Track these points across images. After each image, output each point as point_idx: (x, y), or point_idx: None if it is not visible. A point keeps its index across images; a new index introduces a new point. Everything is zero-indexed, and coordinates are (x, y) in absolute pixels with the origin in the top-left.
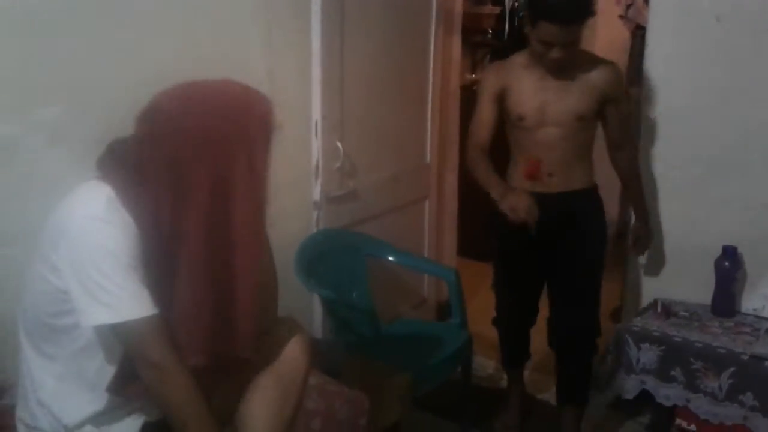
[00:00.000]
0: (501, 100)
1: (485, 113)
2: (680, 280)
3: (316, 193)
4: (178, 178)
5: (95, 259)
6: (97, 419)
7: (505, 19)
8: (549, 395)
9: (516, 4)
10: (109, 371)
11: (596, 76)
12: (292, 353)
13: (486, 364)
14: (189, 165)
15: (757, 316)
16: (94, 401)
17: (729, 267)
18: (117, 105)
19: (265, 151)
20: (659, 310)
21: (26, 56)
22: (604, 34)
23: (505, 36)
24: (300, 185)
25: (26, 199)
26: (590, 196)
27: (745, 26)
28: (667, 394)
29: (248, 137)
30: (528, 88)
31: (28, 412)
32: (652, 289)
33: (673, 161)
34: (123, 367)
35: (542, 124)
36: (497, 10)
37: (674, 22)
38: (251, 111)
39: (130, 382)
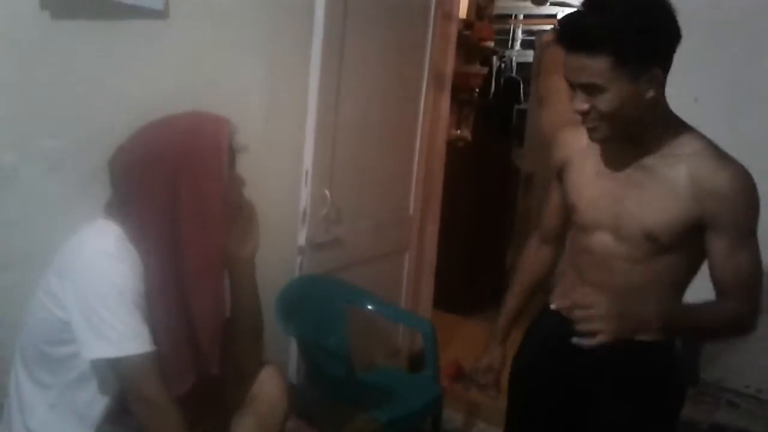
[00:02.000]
0: (561, 177)
1: (552, 193)
2: None
3: (302, 239)
4: (144, 209)
5: (102, 293)
6: None
7: (491, 79)
8: None
9: (503, 65)
10: (100, 403)
11: (692, 179)
12: (274, 396)
13: (455, 417)
14: (146, 195)
15: (718, 386)
16: (84, 430)
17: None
18: (115, 138)
19: (217, 174)
20: None
21: (26, 88)
22: None
23: (491, 95)
24: (286, 230)
25: (24, 228)
26: (659, 355)
27: (719, 106)
28: None
29: (193, 162)
30: (589, 167)
31: None
32: None
33: None
34: (119, 399)
35: (597, 227)
36: (484, 70)
37: None
38: (199, 135)
39: (124, 414)
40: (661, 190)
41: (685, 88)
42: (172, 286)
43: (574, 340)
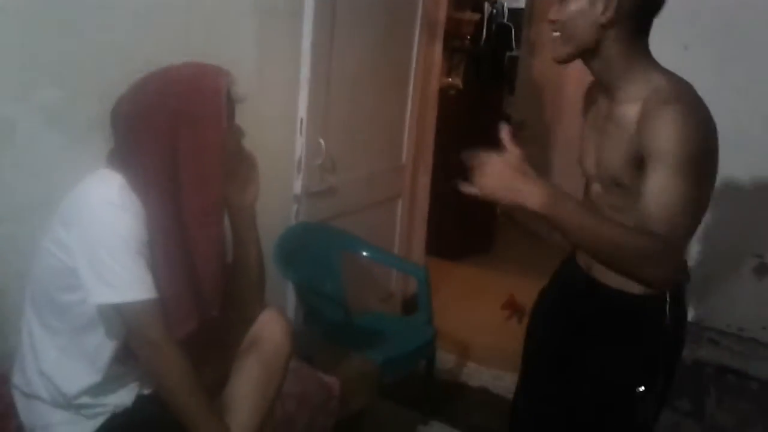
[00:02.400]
0: None
1: None
2: None
3: (297, 188)
4: (145, 157)
5: (107, 242)
6: (93, 390)
7: (483, 26)
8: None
9: (494, 11)
10: (108, 347)
11: (639, 116)
12: (277, 337)
13: (447, 359)
14: (147, 143)
15: (700, 326)
16: (93, 374)
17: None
18: (112, 90)
19: (216, 122)
20: None
21: (25, 41)
22: None
23: (483, 42)
24: (282, 179)
25: (25, 178)
26: (630, 305)
27: (708, 54)
28: None
29: (193, 110)
30: (588, 121)
31: (25, 381)
32: None
33: None
34: (126, 342)
35: (590, 177)
36: (477, 16)
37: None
38: (198, 85)
39: (132, 356)
40: (618, 134)
41: (674, 36)
42: (174, 232)
43: (459, 184)
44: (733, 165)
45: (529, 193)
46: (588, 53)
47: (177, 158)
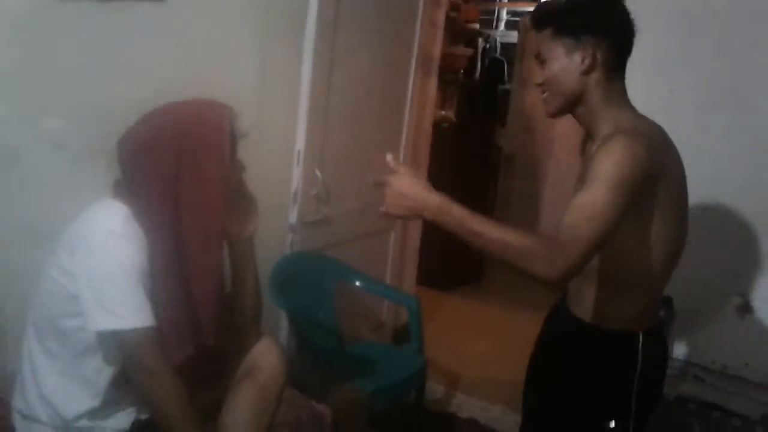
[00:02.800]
0: None
1: None
2: None
3: (293, 218)
4: (150, 189)
5: (109, 270)
6: (92, 414)
7: (476, 60)
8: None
9: (488, 45)
10: (106, 372)
11: (593, 155)
12: (272, 366)
13: (436, 389)
14: (151, 176)
15: (686, 362)
16: (91, 398)
17: (665, 316)
18: (117, 117)
19: (219, 156)
20: None
21: (31, 68)
22: None
23: (476, 76)
24: (278, 209)
25: (30, 205)
26: (603, 340)
27: (692, 97)
28: None
29: (196, 144)
30: (582, 162)
31: (26, 404)
32: None
33: None
34: (123, 368)
35: None
36: (470, 51)
37: (635, 87)
38: (202, 120)
39: (129, 381)
40: (586, 166)
41: (661, 80)
42: (174, 260)
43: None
44: (716, 206)
45: (423, 205)
46: (575, 102)
47: (179, 190)
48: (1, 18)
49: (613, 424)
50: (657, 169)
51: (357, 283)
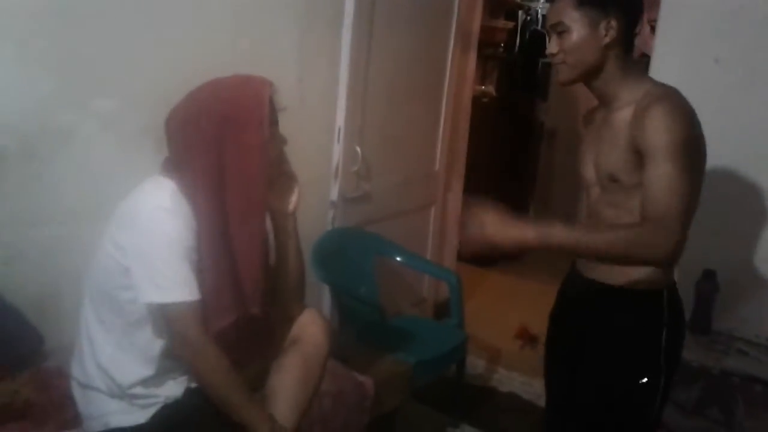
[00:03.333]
0: None
1: None
2: None
3: (334, 194)
4: (195, 161)
5: (158, 245)
6: (146, 382)
7: (516, 34)
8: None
9: (528, 18)
10: (157, 342)
11: (632, 116)
12: (316, 337)
13: (477, 364)
14: (197, 148)
15: (730, 335)
16: (145, 367)
17: (708, 289)
18: (164, 97)
19: (259, 127)
20: None
21: (80, 48)
22: None
23: (516, 49)
24: (320, 186)
25: (82, 183)
26: (628, 301)
27: (740, 68)
28: None
29: (238, 115)
30: (588, 134)
31: (83, 373)
32: None
33: None
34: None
35: (590, 183)
36: (510, 24)
37: (677, 56)
38: (244, 92)
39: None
40: (614, 135)
41: (705, 49)
42: (218, 231)
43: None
44: (762, 175)
45: (521, 234)
46: (592, 74)
47: (223, 161)
48: None
49: (645, 380)
50: (700, 128)
51: (398, 259)
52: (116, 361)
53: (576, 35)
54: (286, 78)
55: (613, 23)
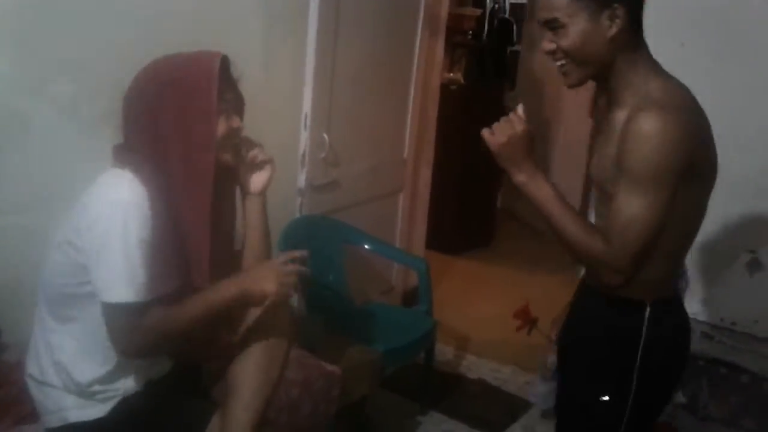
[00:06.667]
0: None
1: None
2: None
3: (301, 181)
4: (143, 133)
5: (114, 243)
6: (105, 378)
7: (484, 21)
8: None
9: (496, 6)
10: None
11: (625, 123)
12: (279, 323)
13: (446, 350)
14: (143, 117)
15: (695, 320)
16: (106, 361)
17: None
18: (124, 84)
19: (203, 99)
20: None
21: (40, 33)
22: None
23: (484, 37)
24: (287, 173)
25: (39, 170)
26: (608, 309)
27: (706, 53)
28: None
29: (181, 78)
30: (596, 121)
31: (39, 370)
32: None
33: None
34: None
35: (593, 181)
36: (478, 12)
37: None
38: (191, 60)
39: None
40: (609, 138)
41: (671, 33)
42: (164, 201)
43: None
44: (728, 161)
45: (518, 168)
46: (600, 71)
47: (166, 129)
48: None
49: (606, 398)
50: (691, 148)
51: (366, 246)
52: (76, 358)
53: (574, 31)
54: (251, 64)
55: (619, 11)
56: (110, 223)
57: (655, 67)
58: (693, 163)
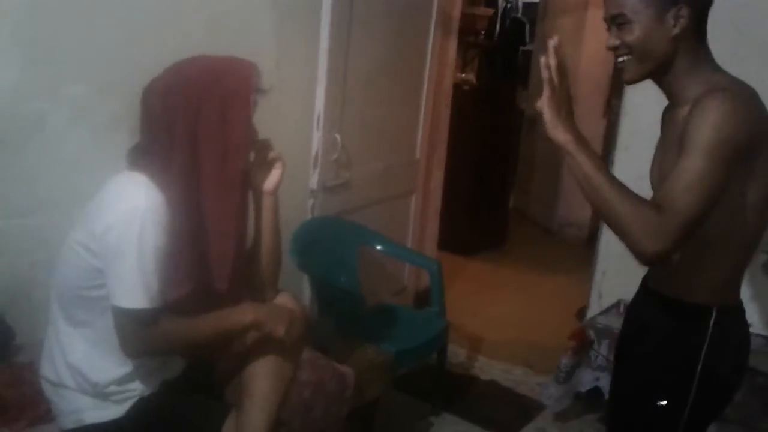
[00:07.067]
0: None
1: None
2: None
3: (314, 182)
4: (173, 130)
5: (129, 249)
6: (121, 379)
7: (497, 21)
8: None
9: (508, 5)
10: None
11: (684, 116)
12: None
13: (458, 352)
14: (177, 116)
15: None
16: (122, 363)
17: None
18: (139, 85)
19: (242, 107)
20: (621, 309)
21: (53, 36)
22: (590, 46)
23: (497, 37)
24: (299, 174)
25: (53, 172)
26: (674, 311)
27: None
28: None
29: (221, 87)
30: (661, 134)
31: (54, 372)
32: (616, 290)
33: (641, 171)
34: None
35: (653, 190)
36: (490, 12)
37: None
38: (230, 66)
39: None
40: (671, 135)
41: None
42: (191, 207)
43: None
44: None
45: (560, 129)
46: (662, 68)
47: (202, 132)
48: None
49: (664, 402)
50: (758, 131)
51: (378, 247)
52: (90, 360)
53: (639, 28)
54: (263, 65)
55: (684, 11)
56: (126, 230)
57: (717, 67)
58: (754, 149)
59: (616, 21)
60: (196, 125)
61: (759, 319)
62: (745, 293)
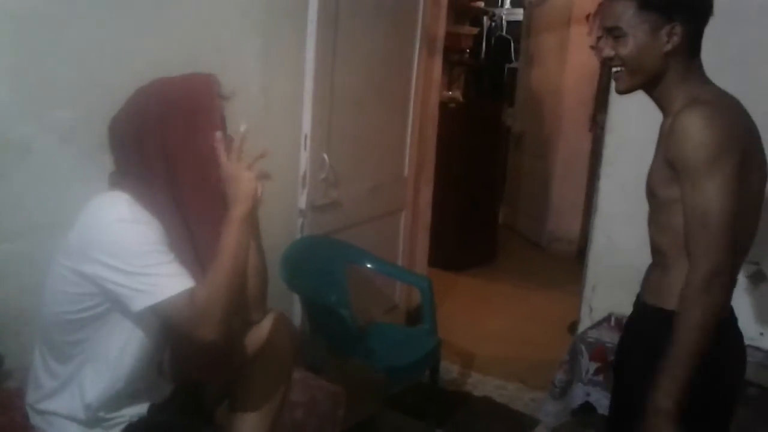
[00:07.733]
0: None
1: None
2: (633, 296)
3: (302, 202)
4: (144, 162)
5: (130, 255)
6: (109, 405)
7: (482, 40)
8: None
9: (493, 24)
10: (130, 350)
11: (670, 128)
12: (281, 341)
13: (451, 369)
14: (144, 146)
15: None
16: (114, 381)
17: None
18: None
19: (206, 116)
20: (612, 323)
21: (37, 61)
22: (574, 62)
23: (482, 55)
24: (287, 194)
25: (39, 197)
26: (661, 321)
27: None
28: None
29: (184, 107)
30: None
31: (40, 399)
32: (606, 304)
33: (627, 185)
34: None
35: (647, 193)
36: (475, 30)
37: None
38: (190, 83)
39: (148, 368)
40: (658, 150)
41: None
42: (180, 232)
43: None
44: None
45: (659, 410)
46: (653, 81)
47: (169, 149)
48: (6, 13)
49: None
50: (743, 137)
51: (369, 266)
52: (79, 386)
53: (633, 42)
54: (250, 85)
55: (678, 29)
56: (125, 236)
57: (706, 81)
58: (744, 159)
59: (612, 33)
60: (165, 142)
61: (748, 330)
62: (735, 302)
